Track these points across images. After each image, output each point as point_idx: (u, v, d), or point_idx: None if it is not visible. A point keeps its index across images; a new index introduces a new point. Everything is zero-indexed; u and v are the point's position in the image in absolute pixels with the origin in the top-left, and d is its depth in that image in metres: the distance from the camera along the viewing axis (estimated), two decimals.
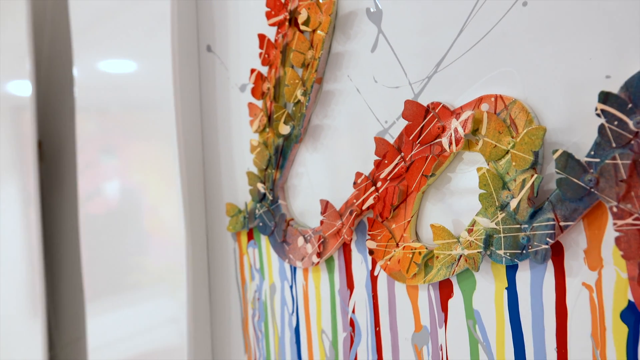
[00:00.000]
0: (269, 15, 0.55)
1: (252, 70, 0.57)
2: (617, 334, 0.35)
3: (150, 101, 0.70)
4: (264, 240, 0.60)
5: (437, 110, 0.42)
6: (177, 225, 0.64)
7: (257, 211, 0.59)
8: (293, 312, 0.57)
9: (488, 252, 0.39)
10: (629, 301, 0.34)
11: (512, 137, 0.37)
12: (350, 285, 0.51)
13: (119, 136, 0.78)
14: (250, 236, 0.62)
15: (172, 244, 0.66)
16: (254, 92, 0.57)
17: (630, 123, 0.32)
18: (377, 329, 0.49)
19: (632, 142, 0.32)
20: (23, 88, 0.98)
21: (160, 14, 0.64)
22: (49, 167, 1.08)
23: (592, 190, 0.34)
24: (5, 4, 1.03)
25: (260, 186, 0.58)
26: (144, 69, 0.70)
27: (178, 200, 0.63)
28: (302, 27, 0.51)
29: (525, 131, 0.37)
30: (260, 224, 0.58)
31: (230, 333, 0.66)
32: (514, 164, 0.37)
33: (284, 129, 0.54)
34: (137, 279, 0.76)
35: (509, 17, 0.38)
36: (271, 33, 0.56)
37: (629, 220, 0.33)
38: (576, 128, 0.35)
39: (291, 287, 0.57)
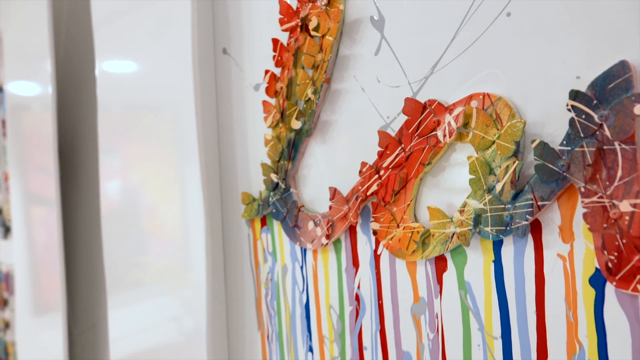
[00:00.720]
0: (282, 22, 0.60)
1: (267, 71, 0.63)
2: (586, 297, 0.41)
3: (171, 100, 0.76)
4: (277, 225, 0.66)
5: (433, 107, 0.48)
6: (196, 216, 0.70)
7: (270, 199, 0.65)
8: (303, 290, 0.63)
9: (477, 230, 0.45)
10: (596, 268, 0.40)
11: (498, 130, 0.43)
12: (355, 263, 0.57)
13: (140, 133, 0.84)
14: (263, 222, 0.68)
15: (192, 233, 0.72)
16: (267, 91, 0.63)
17: (595, 117, 0.38)
18: (380, 302, 0.55)
19: (597, 132, 0.38)
20: (44, 88, 1.03)
21: (181, 19, 0.70)
22: (65, 165, 1.14)
23: (565, 174, 0.40)
24: (27, 6, 1.08)
25: (273, 176, 0.64)
26: (164, 70, 0.76)
27: (198, 192, 0.69)
28: (313, 33, 0.57)
29: (508, 124, 0.42)
30: (274, 211, 0.64)
31: (244, 312, 0.72)
32: (499, 152, 0.43)
33: (296, 124, 0.60)
34: (157, 267, 0.82)
35: (495, 26, 0.44)
36: (283, 37, 0.62)
37: (594, 199, 0.39)
38: (551, 121, 0.41)
39: (302, 267, 0.63)
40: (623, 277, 0.37)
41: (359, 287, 0.57)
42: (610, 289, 0.39)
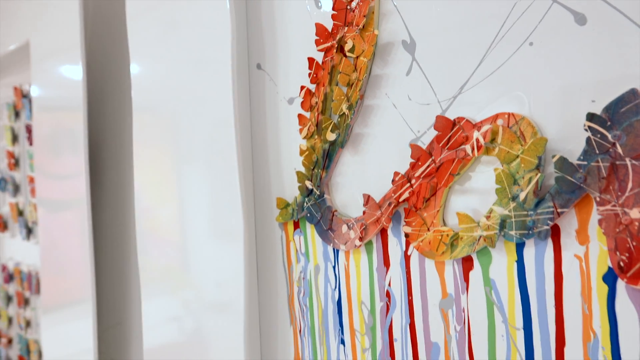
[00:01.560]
0: (317, 42, 0.66)
1: (302, 87, 0.69)
2: (600, 292, 0.46)
3: (208, 109, 0.81)
4: (309, 228, 0.72)
5: (462, 124, 0.53)
6: (234, 220, 0.75)
7: (305, 204, 0.70)
8: (335, 287, 0.69)
9: (502, 233, 0.51)
10: (608, 267, 0.46)
11: (521, 145, 0.49)
12: (386, 263, 0.63)
13: (174, 139, 0.89)
14: (296, 225, 0.74)
15: (229, 235, 0.77)
16: (303, 105, 0.69)
17: (609, 136, 0.44)
18: (410, 297, 0.61)
19: (610, 149, 0.44)
20: (75, 90, 1.07)
21: (221, 36, 0.75)
22: (91, 166, 1.18)
23: (582, 185, 0.46)
24: (56, 9, 1.12)
25: (308, 183, 0.70)
26: (202, 78, 0.81)
27: (236, 198, 0.75)
28: (348, 54, 0.63)
29: (531, 141, 0.48)
30: (308, 215, 0.70)
31: (277, 308, 0.78)
32: (522, 165, 0.49)
33: (331, 136, 0.66)
34: (192, 266, 0.88)
35: (519, 54, 0.50)
36: (317, 56, 0.68)
37: (608, 207, 0.44)
38: (569, 139, 0.47)
39: (334, 267, 0.69)
40: (633, 274, 0.43)
41: (389, 284, 0.63)
42: (621, 285, 0.45)
